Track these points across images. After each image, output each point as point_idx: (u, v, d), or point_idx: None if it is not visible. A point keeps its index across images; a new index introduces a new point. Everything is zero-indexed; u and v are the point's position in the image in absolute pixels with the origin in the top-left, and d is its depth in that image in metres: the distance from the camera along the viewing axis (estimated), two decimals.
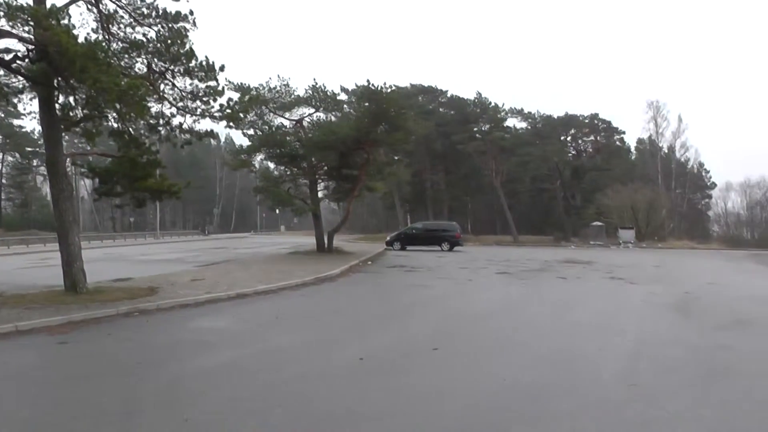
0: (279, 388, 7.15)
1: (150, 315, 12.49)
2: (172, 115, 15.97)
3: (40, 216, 76.90)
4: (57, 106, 14.72)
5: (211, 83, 15.58)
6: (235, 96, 19.29)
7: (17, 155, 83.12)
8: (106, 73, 12.21)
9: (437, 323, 12.42)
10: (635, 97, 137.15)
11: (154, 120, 15.84)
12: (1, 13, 12.26)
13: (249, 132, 34.10)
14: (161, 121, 15.99)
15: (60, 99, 14.84)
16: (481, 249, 46.99)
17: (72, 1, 14.36)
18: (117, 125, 15.86)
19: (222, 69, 15.54)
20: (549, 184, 77.17)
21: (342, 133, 30.77)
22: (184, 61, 15.02)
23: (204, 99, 15.65)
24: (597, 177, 75.28)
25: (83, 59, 11.97)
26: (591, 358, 9.00)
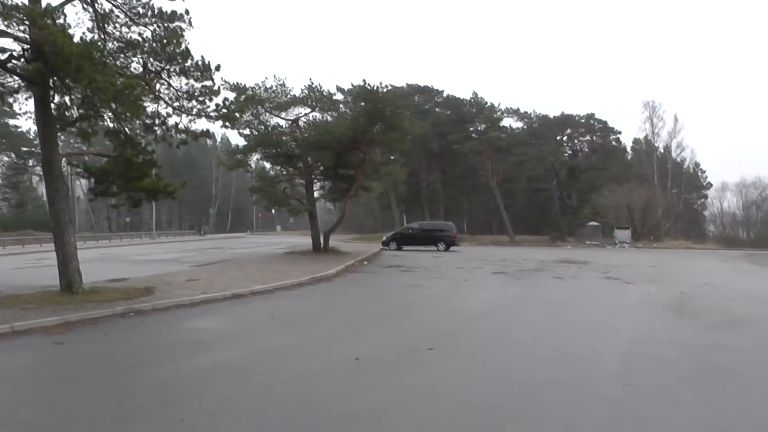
0: (274, 388, 7.15)
1: (146, 315, 12.49)
2: (167, 115, 15.96)
3: (35, 216, 76.55)
4: (53, 105, 14.67)
5: (207, 83, 15.56)
6: (231, 96, 19.26)
7: (13, 155, 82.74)
8: (101, 73, 12.19)
9: (433, 323, 12.43)
10: (631, 97, 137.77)
11: (149, 120, 15.80)
12: None
13: (245, 132, 34.11)
14: (157, 121, 15.96)
15: (56, 99, 14.79)
16: (478, 249, 47.04)
17: (67, 1, 14.33)
18: (113, 125, 15.82)
19: (218, 69, 15.55)
20: (545, 183, 77.20)
21: (338, 133, 30.75)
22: (179, 61, 15.01)
23: (200, 99, 15.63)
24: (593, 177, 75.36)
25: (79, 59, 11.95)
26: (587, 357, 9.02)
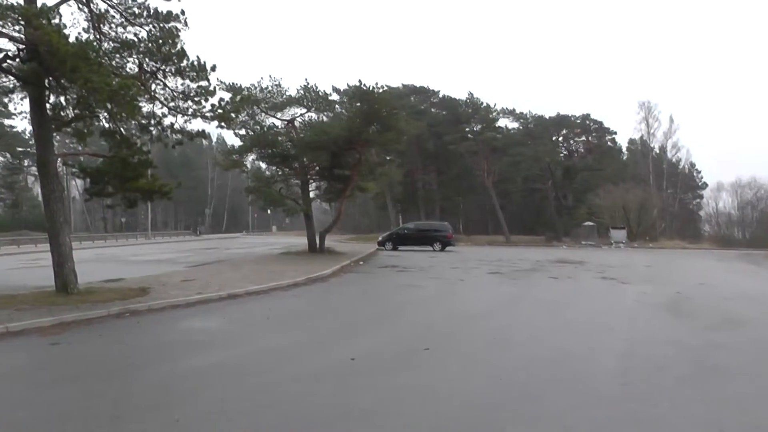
0: (270, 388, 7.14)
1: (141, 316, 12.46)
2: (163, 115, 15.94)
3: (31, 216, 76.37)
4: (48, 105, 14.64)
5: (203, 83, 15.57)
6: (227, 96, 19.25)
7: (8, 155, 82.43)
8: (97, 73, 12.17)
9: (429, 323, 12.41)
10: (627, 98, 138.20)
11: (145, 120, 15.79)
12: None
13: (240, 132, 34.07)
14: (152, 121, 15.94)
15: (51, 99, 14.77)
16: (473, 249, 47.05)
17: (63, 1, 14.30)
18: (108, 125, 15.81)
19: (213, 69, 15.54)
20: (541, 184, 77.36)
21: (334, 133, 30.74)
22: (175, 61, 14.99)
23: (195, 99, 15.63)
24: (588, 177, 75.49)
25: (74, 59, 11.93)
26: (583, 357, 9.02)
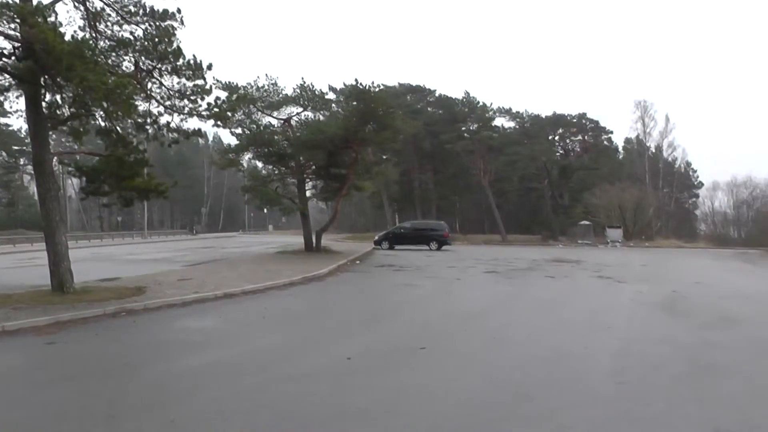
0: (266, 388, 7.14)
1: (137, 315, 12.44)
2: (159, 114, 15.90)
3: (27, 215, 76.31)
4: (44, 104, 14.59)
5: (199, 82, 15.52)
6: (223, 95, 19.18)
7: (4, 154, 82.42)
8: (93, 72, 12.13)
9: (425, 322, 12.42)
10: (623, 97, 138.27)
11: (141, 119, 15.74)
12: None
13: (237, 131, 33.93)
14: (149, 120, 15.89)
15: (47, 97, 14.72)
16: (470, 248, 47.09)
17: None
18: (104, 124, 15.77)
19: (209, 68, 15.50)
20: (537, 183, 77.34)
21: (330, 132, 30.68)
22: (171, 60, 14.96)
23: (191, 98, 15.58)
24: (585, 176, 75.52)
25: (70, 57, 11.90)
26: (579, 356, 9.03)
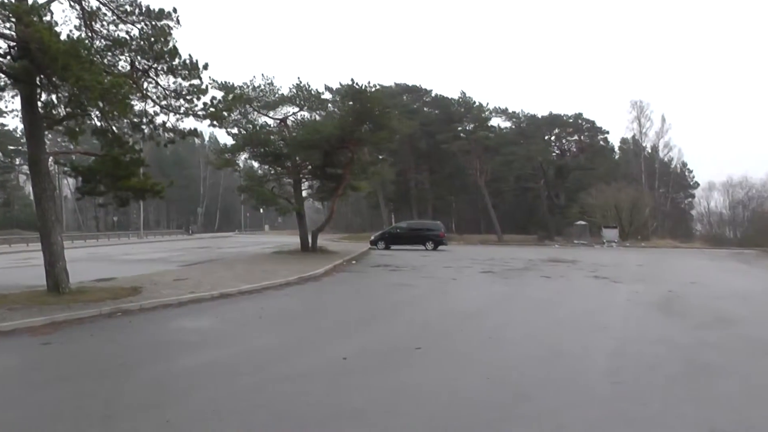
0: (262, 388, 7.13)
1: (133, 315, 12.41)
2: (155, 114, 15.83)
3: (22, 215, 76.16)
4: (39, 104, 14.54)
5: (195, 81, 15.48)
6: (219, 94, 19.11)
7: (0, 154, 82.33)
8: (88, 71, 12.10)
9: (421, 322, 12.42)
10: (619, 97, 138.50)
11: (137, 118, 15.70)
12: None
13: (233, 131, 33.85)
14: (144, 120, 15.84)
15: (42, 97, 14.67)
16: (466, 248, 47.08)
17: None
18: (100, 124, 15.74)
19: (206, 67, 15.45)
20: (533, 183, 77.38)
21: (326, 132, 30.67)
22: (167, 59, 14.92)
23: (187, 97, 15.55)
24: (581, 176, 75.54)
25: (66, 57, 11.86)
26: (576, 356, 9.04)
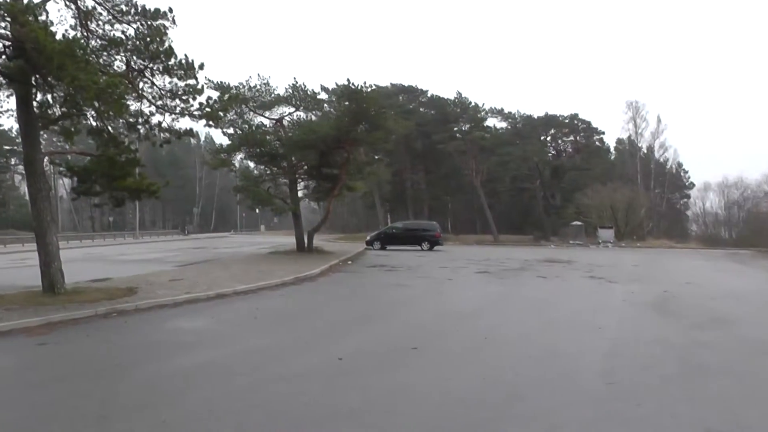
0: (258, 388, 7.13)
1: (128, 316, 12.39)
2: (151, 114, 15.84)
3: (18, 215, 75.99)
4: (35, 103, 14.52)
5: (191, 81, 15.47)
6: (215, 95, 19.13)
7: None
8: (84, 71, 12.08)
9: (417, 322, 12.42)
10: (615, 98, 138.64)
11: (133, 118, 15.69)
12: None
13: (229, 131, 33.76)
14: (140, 120, 15.84)
15: (38, 96, 14.65)
16: (461, 248, 47.11)
17: None
18: (95, 123, 15.71)
19: (201, 67, 15.45)
20: (529, 183, 77.46)
21: (322, 132, 30.66)
22: (163, 59, 14.90)
23: (183, 97, 15.53)
24: (576, 177, 75.70)
25: (61, 56, 11.84)
26: (571, 356, 9.05)
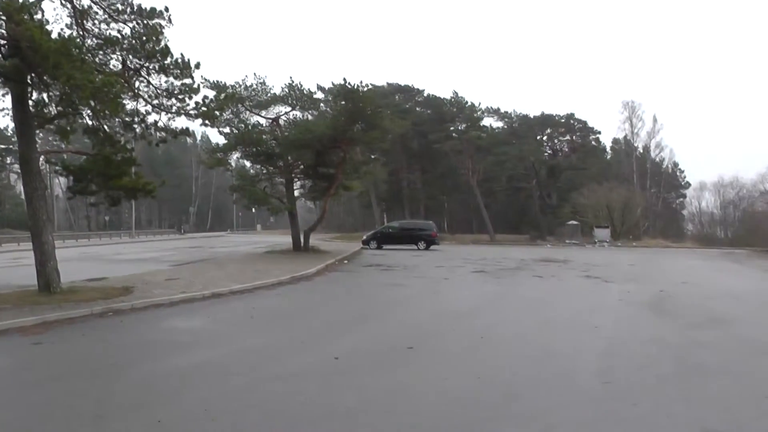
0: (254, 387, 7.12)
1: (124, 315, 12.37)
2: (147, 113, 15.80)
3: (13, 215, 75.75)
4: (30, 102, 14.48)
5: (187, 81, 15.44)
6: (211, 94, 19.05)
7: None
8: (80, 70, 12.06)
9: (413, 322, 12.42)
10: (611, 98, 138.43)
11: (128, 118, 15.65)
12: None
13: (225, 130, 33.77)
14: (136, 119, 15.79)
15: (33, 95, 14.61)
16: (458, 248, 47.13)
17: None
18: (91, 122, 15.68)
19: (197, 66, 15.43)
20: (525, 183, 77.42)
21: (318, 132, 30.67)
22: (159, 58, 14.88)
23: (179, 97, 15.51)
24: (573, 176, 75.67)
25: (56, 55, 11.82)
26: (567, 355, 9.07)
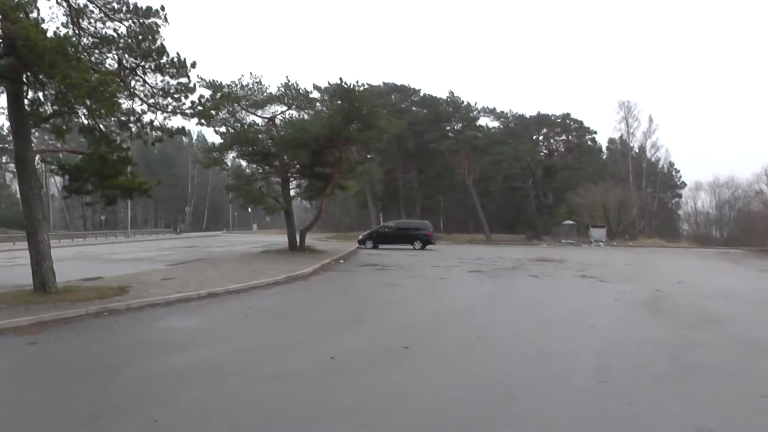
0: (250, 387, 7.11)
1: (120, 315, 12.34)
2: (143, 112, 15.78)
3: (9, 214, 75.58)
4: (26, 101, 14.45)
5: (183, 80, 15.43)
6: (207, 93, 19.11)
7: None
8: (75, 69, 12.04)
9: (409, 322, 12.42)
10: (607, 98, 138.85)
11: (124, 117, 15.64)
12: None
13: (221, 129, 33.74)
14: (132, 118, 15.78)
15: (29, 94, 14.58)
16: (454, 247, 47.12)
17: None
18: (87, 122, 15.65)
19: (194, 66, 15.42)
20: (521, 182, 77.58)
21: (314, 131, 30.67)
22: (155, 58, 14.86)
23: (175, 96, 15.49)
24: (569, 176, 75.80)
25: (52, 54, 11.80)
26: (563, 355, 9.07)
